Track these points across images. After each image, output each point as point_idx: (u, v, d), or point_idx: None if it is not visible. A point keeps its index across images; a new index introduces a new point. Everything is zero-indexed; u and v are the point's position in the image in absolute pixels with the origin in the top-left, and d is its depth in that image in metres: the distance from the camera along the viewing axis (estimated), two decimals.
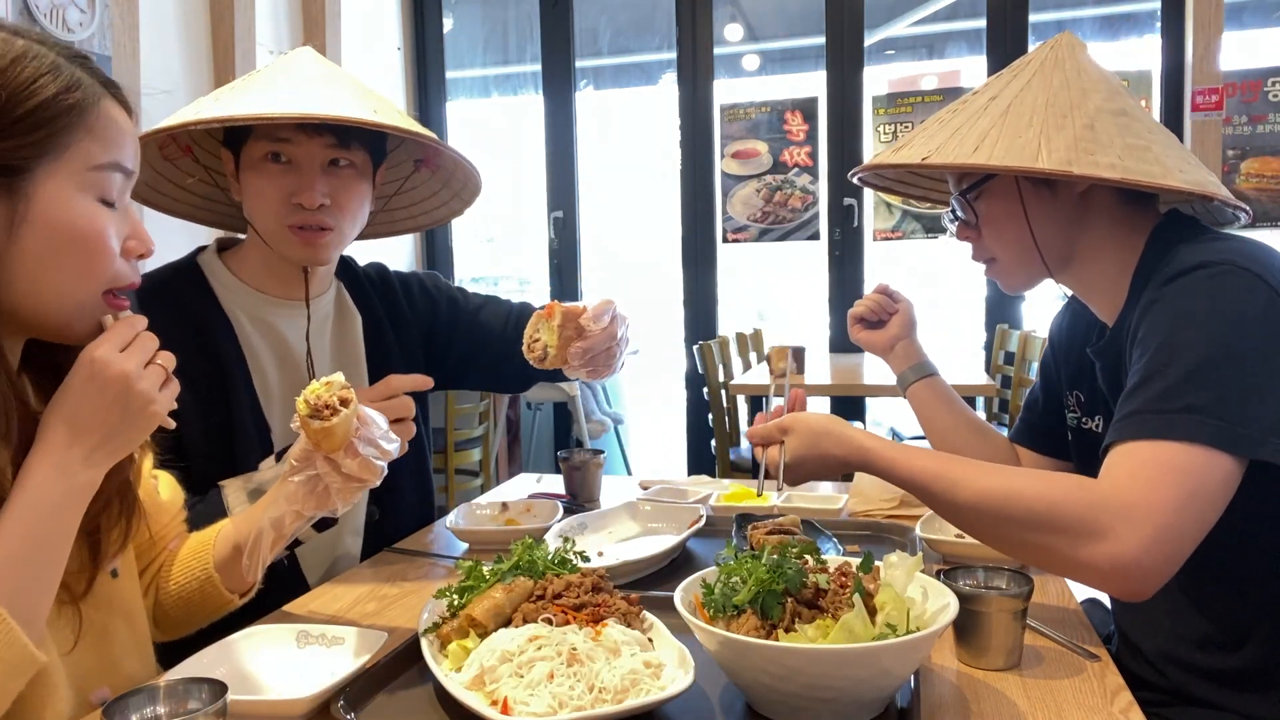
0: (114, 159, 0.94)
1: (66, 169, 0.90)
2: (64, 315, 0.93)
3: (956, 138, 1.21)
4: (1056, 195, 1.24)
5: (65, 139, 0.90)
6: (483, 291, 1.82)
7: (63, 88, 0.89)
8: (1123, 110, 1.20)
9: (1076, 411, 1.38)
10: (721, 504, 1.66)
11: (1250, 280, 1.06)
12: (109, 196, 0.94)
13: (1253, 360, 1.03)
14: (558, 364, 1.32)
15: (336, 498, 1.06)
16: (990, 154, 1.17)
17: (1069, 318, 1.45)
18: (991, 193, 1.28)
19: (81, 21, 2.95)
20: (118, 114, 0.96)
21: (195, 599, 1.17)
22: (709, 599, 0.96)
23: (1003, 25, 4.43)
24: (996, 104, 1.23)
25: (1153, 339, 1.08)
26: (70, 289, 0.92)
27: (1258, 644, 1.14)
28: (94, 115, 0.92)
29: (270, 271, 1.51)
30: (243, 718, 0.88)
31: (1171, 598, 1.19)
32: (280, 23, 4.08)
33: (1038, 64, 1.26)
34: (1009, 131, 1.18)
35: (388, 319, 1.65)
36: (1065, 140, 1.16)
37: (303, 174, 1.42)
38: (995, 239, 1.31)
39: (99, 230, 0.92)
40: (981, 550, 1.31)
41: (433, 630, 1.02)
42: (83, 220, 0.91)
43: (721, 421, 3.85)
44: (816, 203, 4.70)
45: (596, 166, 5.24)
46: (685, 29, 4.79)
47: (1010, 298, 4.52)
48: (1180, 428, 1.01)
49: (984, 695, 0.95)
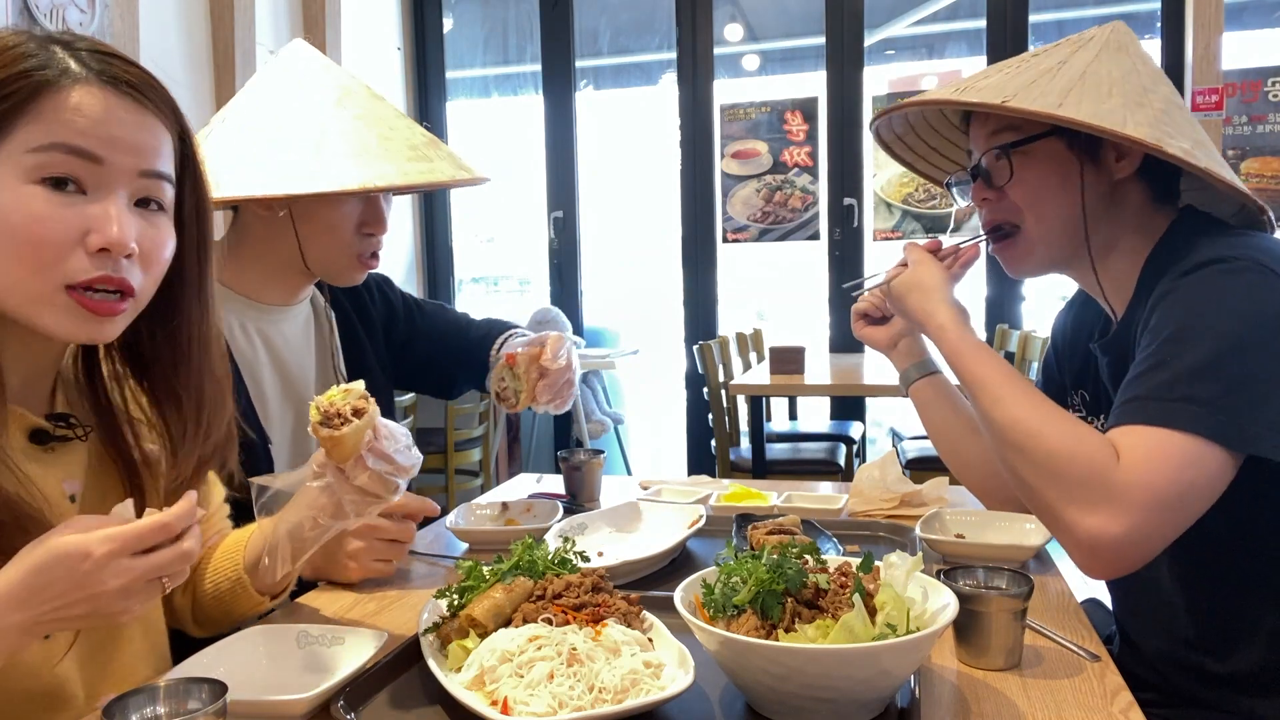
0: (59, 140, 0.87)
1: (5, 153, 0.86)
2: (18, 308, 0.89)
3: (1035, 89, 1.14)
4: (1098, 174, 1.20)
5: (6, 123, 0.85)
6: (482, 292, 1.84)
7: (14, 73, 0.85)
8: (1184, 107, 1.18)
9: (1081, 411, 1.37)
10: (721, 504, 1.66)
11: (1268, 278, 1.05)
12: (54, 176, 0.87)
13: (1262, 357, 1.03)
14: (527, 404, 1.47)
15: (349, 509, 1.02)
16: (1077, 111, 1.11)
17: (1071, 317, 1.44)
18: (1036, 154, 1.22)
19: (81, 21, 2.95)
20: (97, 101, 0.89)
21: (228, 599, 1.15)
22: (709, 599, 0.96)
23: (1003, 25, 4.43)
24: (1068, 69, 1.17)
25: (1164, 328, 1.08)
26: (9, 280, 0.87)
27: (1260, 647, 1.14)
28: (47, 99, 0.86)
29: (273, 285, 1.51)
30: (243, 718, 0.88)
31: (1174, 600, 1.19)
32: (280, 23, 4.08)
33: (1100, 42, 1.21)
34: (1090, 96, 1.13)
35: (355, 313, 1.67)
36: (1147, 118, 1.12)
37: (373, 207, 1.47)
38: (1031, 204, 1.23)
39: (28, 216, 0.86)
40: (981, 550, 1.31)
41: (433, 630, 1.02)
42: (11, 207, 0.85)
43: (721, 421, 3.85)
44: (816, 203, 4.70)
45: (596, 166, 5.24)
46: (685, 29, 4.79)
47: (1010, 298, 4.52)
48: (1181, 417, 1.01)
49: (984, 695, 0.95)
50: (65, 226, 0.87)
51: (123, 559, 0.80)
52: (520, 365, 1.46)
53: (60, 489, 0.98)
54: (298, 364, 1.55)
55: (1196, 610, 1.18)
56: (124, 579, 0.80)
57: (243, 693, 0.87)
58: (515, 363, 1.47)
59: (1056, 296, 5.07)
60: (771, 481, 2.08)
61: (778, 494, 1.69)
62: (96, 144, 0.88)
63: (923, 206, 4.57)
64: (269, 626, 1.09)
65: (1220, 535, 1.11)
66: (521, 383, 1.46)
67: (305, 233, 1.45)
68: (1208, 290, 1.07)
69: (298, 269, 1.49)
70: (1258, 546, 1.13)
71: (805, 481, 1.97)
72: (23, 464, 0.91)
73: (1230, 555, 1.14)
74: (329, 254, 1.47)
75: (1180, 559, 1.17)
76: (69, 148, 0.87)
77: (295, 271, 1.50)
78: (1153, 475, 1.00)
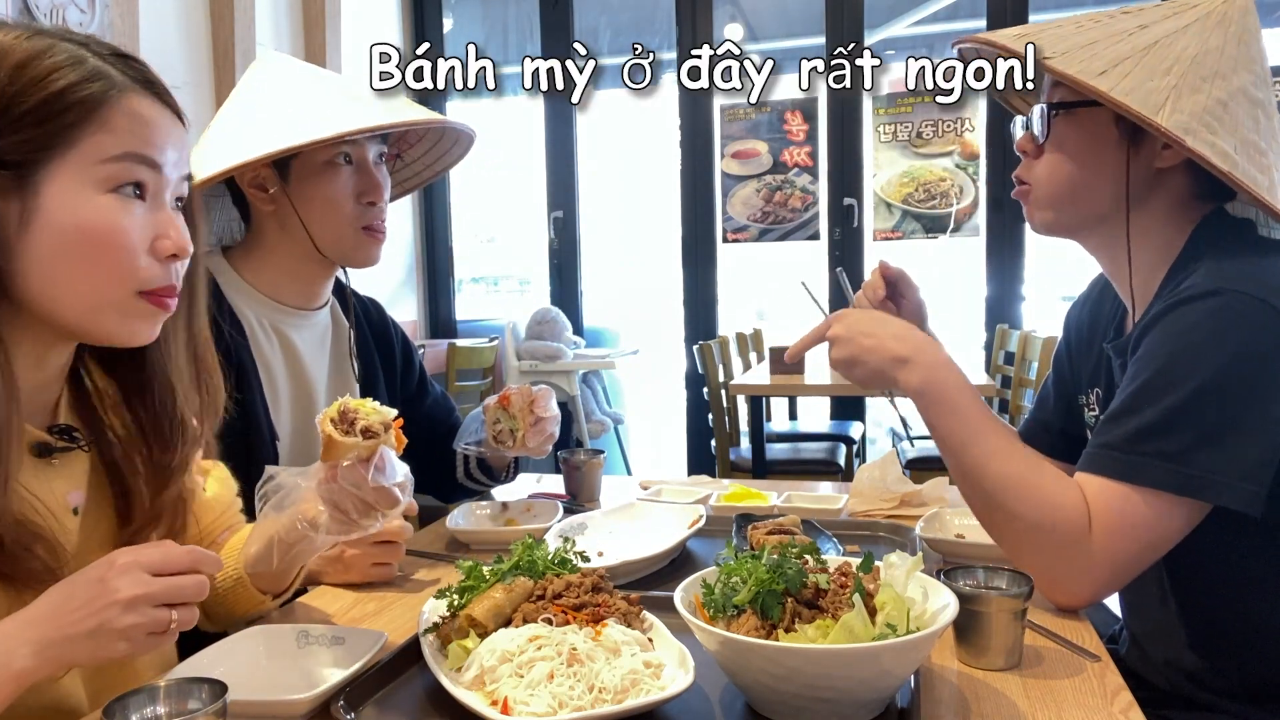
0: (129, 149, 0.90)
1: (77, 163, 0.88)
2: (83, 315, 0.91)
3: (1088, 52, 1.09)
4: (1139, 155, 1.15)
5: (75, 133, 0.88)
6: (482, 292, 1.85)
7: (73, 81, 0.87)
8: (1262, 103, 1.12)
9: (1096, 410, 1.32)
10: (721, 504, 1.66)
11: (1260, 313, 1.03)
12: (127, 186, 0.90)
13: (1236, 404, 1.02)
14: (522, 443, 1.52)
15: (323, 521, 1.04)
16: (1114, 85, 1.06)
17: (1087, 311, 1.38)
18: (1080, 120, 1.16)
19: (81, 22, 2.95)
20: (146, 108, 0.92)
21: (230, 598, 1.15)
22: (709, 599, 0.96)
23: (1003, 25, 4.42)
24: (1144, 35, 1.11)
25: (1143, 370, 1.08)
26: (85, 288, 0.90)
27: (1269, 657, 1.13)
28: (110, 108, 0.89)
29: (292, 280, 1.53)
30: (243, 718, 0.88)
31: (1183, 610, 1.19)
32: (280, 23, 4.07)
33: (1203, 11, 1.13)
34: (1143, 71, 1.07)
35: (376, 343, 1.70)
36: (1194, 105, 1.07)
37: (366, 173, 1.48)
38: (1056, 166, 1.19)
39: (109, 226, 0.89)
40: (981, 550, 1.31)
41: (433, 630, 1.02)
42: (91, 215, 0.88)
43: (721, 421, 3.85)
44: (816, 203, 4.70)
45: (596, 166, 5.24)
46: (685, 29, 4.79)
47: (1010, 298, 4.52)
48: (1147, 473, 1.04)
49: (984, 695, 0.95)
50: (139, 234, 0.91)
51: (141, 572, 0.82)
52: (515, 405, 1.52)
53: (64, 501, 0.98)
54: (311, 369, 1.57)
55: (1206, 622, 1.17)
56: (136, 590, 0.81)
57: (243, 693, 0.87)
58: (510, 403, 1.52)
59: (1057, 296, 5.07)
60: (771, 481, 2.08)
61: (778, 494, 1.69)
62: (156, 151, 0.93)
63: (922, 206, 4.57)
64: (269, 626, 1.09)
65: (1232, 552, 1.12)
66: (517, 421, 1.52)
67: (306, 213, 1.47)
68: (1191, 329, 1.05)
69: (313, 258, 1.51)
70: (1268, 559, 1.13)
71: (805, 481, 1.97)
72: (28, 481, 0.92)
73: (1241, 569, 1.13)
74: (334, 230, 1.48)
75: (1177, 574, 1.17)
76: (139, 157, 0.91)
77: (311, 261, 1.51)
78: (1124, 543, 1.06)
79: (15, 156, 0.86)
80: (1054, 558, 1.09)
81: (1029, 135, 1.22)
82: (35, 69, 0.87)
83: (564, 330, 4.66)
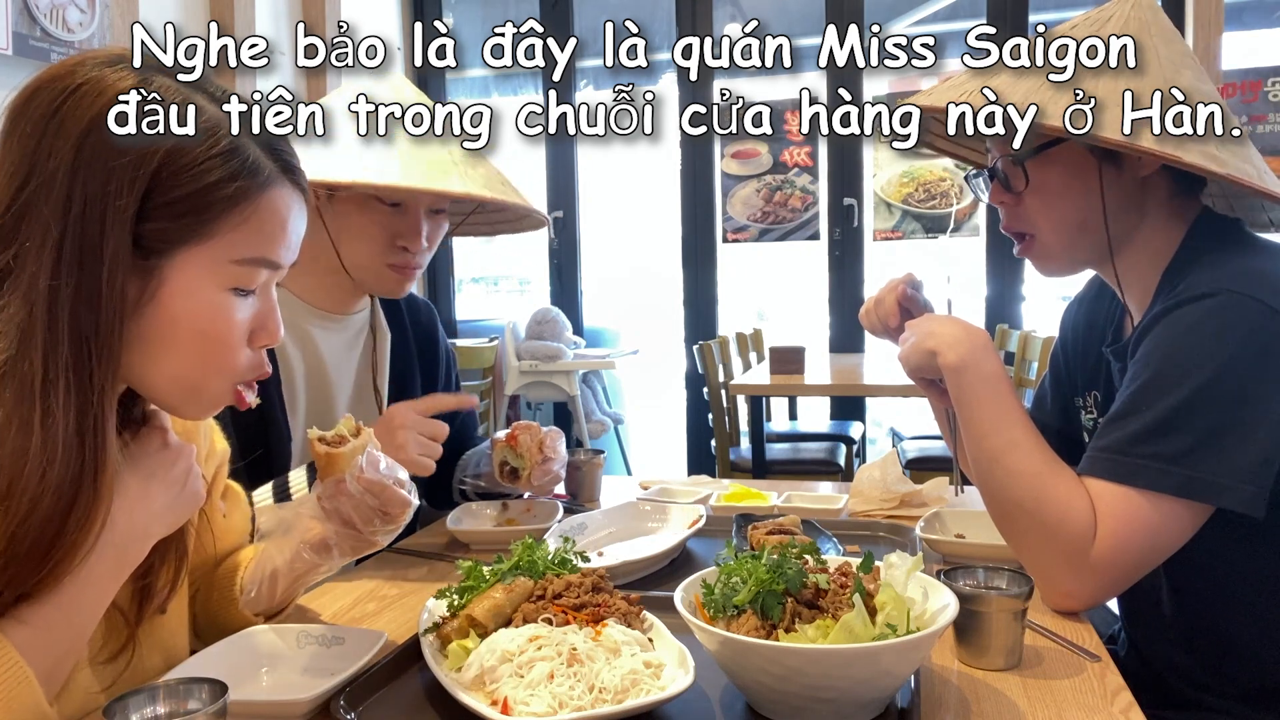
0: (262, 254, 0.88)
1: (208, 256, 0.85)
2: (174, 397, 0.90)
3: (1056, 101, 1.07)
4: (1123, 174, 1.15)
5: (213, 226, 0.85)
6: (482, 292, 1.85)
7: (227, 174, 0.84)
8: (1211, 94, 1.11)
9: (1094, 413, 1.33)
10: (721, 504, 1.65)
11: (1257, 313, 1.03)
12: (247, 288, 0.89)
13: (1234, 404, 1.03)
14: (528, 481, 1.54)
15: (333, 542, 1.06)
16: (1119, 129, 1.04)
17: (1083, 314, 1.38)
18: (1053, 158, 1.16)
19: (81, 21, 2.95)
20: (284, 202, 0.90)
21: (220, 619, 1.14)
22: (709, 599, 0.96)
23: (1003, 25, 4.43)
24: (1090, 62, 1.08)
25: (1143, 371, 1.08)
26: (184, 375, 0.88)
27: (1268, 658, 1.13)
28: (253, 206, 0.86)
29: (325, 287, 1.53)
30: (242, 718, 0.88)
31: (1181, 611, 1.19)
32: (280, 23, 4.08)
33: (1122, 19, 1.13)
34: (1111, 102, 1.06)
35: (415, 342, 1.68)
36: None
37: (410, 218, 1.47)
38: (1046, 211, 1.18)
39: (224, 326, 0.87)
40: (981, 550, 1.31)
41: (433, 630, 1.02)
42: (208, 314, 0.86)
43: (721, 421, 3.85)
44: (816, 203, 4.70)
45: (596, 166, 5.24)
46: (685, 29, 4.79)
47: (1010, 298, 4.52)
48: (1146, 476, 1.05)
49: (984, 695, 0.95)
50: (244, 329, 0.90)
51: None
52: (523, 445, 1.55)
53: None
54: (333, 373, 1.57)
55: (1205, 624, 1.17)
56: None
57: (243, 693, 0.87)
58: (518, 444, 1.55)
59: (1057, 296, 5.06)
60: (771, 481, 2.08)
61: (778, 494, 1.69)
62: (284, 252, 0.91)
63: (922, 206, 4.57)
64: (269, 626, 1.09)
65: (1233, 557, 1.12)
66: (525, 460, 1.55)
67: (339, 235, 1.48)
68: (1188, 330, 1.06)
69: (341, 273, 1.51)
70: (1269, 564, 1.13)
71: (805, 481, 1.97)
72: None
73: (1240, 573, 1.13)
74: (362, 259, 1.49)
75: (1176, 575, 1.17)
76: (268, 262, 0.90)
77: (339, 275, 1.51)
78: (1127, 547, 1.06)
79: (151, 244, 0.83)
80: (1055, 558, 1.09)
81: (999, 186, 1.21)
82: (188, 155, 0.83)
83: (564, 330, 4.66)
